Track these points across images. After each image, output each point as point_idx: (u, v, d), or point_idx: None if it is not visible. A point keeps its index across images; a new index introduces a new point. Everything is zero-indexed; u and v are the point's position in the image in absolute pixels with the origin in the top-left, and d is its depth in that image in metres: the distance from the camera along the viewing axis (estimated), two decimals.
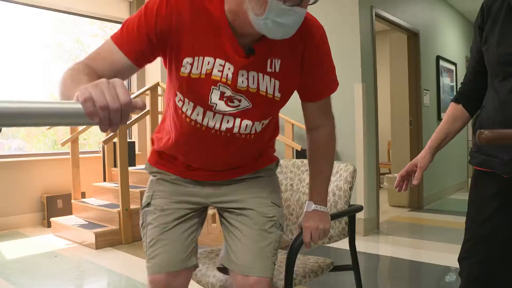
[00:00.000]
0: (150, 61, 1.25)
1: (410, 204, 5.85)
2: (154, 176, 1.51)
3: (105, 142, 4.55)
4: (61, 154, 5.44)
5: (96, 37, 6.27)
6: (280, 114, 2.50)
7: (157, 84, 4.54)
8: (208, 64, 1.24)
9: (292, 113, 3.90)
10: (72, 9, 5.66)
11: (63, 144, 4.93)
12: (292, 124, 4.46)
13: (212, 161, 1.42)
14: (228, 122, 1.32)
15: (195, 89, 1.27)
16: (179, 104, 1.33)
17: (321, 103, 1.43)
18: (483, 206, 1.43)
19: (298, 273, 1.58)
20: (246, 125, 1.33)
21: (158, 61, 1.32)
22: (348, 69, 4.37)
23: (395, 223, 5.02)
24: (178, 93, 1.31)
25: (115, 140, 4.65)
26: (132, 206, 4.33)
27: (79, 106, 0.77)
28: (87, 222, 4.48)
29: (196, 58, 1.23)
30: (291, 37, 1.21)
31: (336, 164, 1.95)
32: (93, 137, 6.37)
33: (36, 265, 3.55)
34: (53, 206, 5.08)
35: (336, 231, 1.88)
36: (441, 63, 6.56)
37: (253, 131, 1.36)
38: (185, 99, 1.30)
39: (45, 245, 4.20)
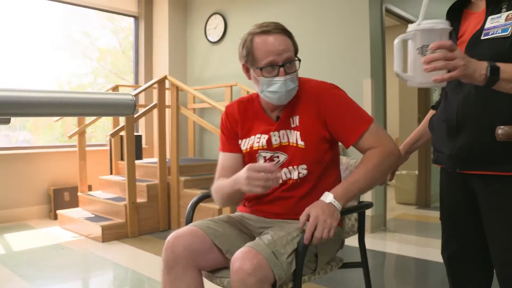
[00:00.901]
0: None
1: (417, 201, 5.82)
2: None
3: (112, 135, 4.54)
4: (68, 147, 5.46)
5: (104, 29, 6.26)
6: None
7: (165, 78, 4.52)
8: (250, 141, 1.74)
9: None
10: (81, 1, 5.65)
11: (70, 136, 4.94)
12: None
13: (268, 208, 1.72)
14: None
15: (248, 159, 1.76)
16: None
17: (361, 143, 1.60)
18: (446, 202, 1.60)
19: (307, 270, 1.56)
20: (284, 172, 1.66)
21: (166, 54, 1.37)
22: (357, 64, 4.34)
23: (402, 220, 4.99)
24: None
25: (122, 133, 4.65)
26: (138, 200, 4.33)
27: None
28: (93, 215, 4.49)
29: (243, 140, 1.77)
30: (306, 99, 1.63)
31: (345, 160, 1.94)
32: (100, 130, 6.38)
33: (43, 257, 3.55)
34: (60, 199, 5.10)
35: (346, 228, 1.86)
36: None
37: (290, 177, 1.66)
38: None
39: (52, 238, 4.21)
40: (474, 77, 1.18)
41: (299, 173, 1.64)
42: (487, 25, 1.36)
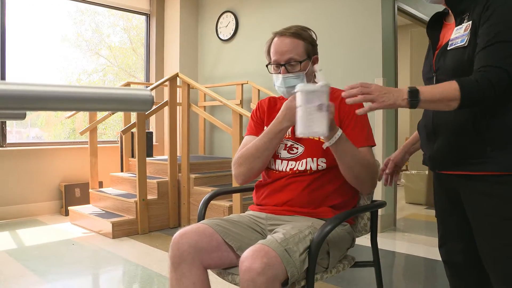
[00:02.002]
0: None
1: (427, 201, 5.78)
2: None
3: (123, 132, 4.57)
4: (80, 143, 5.49)
5: (116, 27, 6.29)
6: None
7: (176, 75, 4.54)
8: None
9: None
10: None
11: (82, 133, 4.97)
12: None
13: (277, 198, 1.77)
14: (290, 164, 1.78)
15: None
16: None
17: None
18: (437, 200, 1.69)
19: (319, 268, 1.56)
20: (302, 162, 1.76)
21: (177, 51, 1.36)
22: (369, 63, 4.32)
23: (412, 220, 4.97)
24: None
25: (133, 130, 4.67)
26: (149, 197, 4.35)
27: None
28: (104, 211, 4.52)
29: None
30: (332, 101, 1.56)
31: None
32: (111, 127, 6.41)
33: (54, 253, 3.58)
34: (71, 195, 5.13)
35: (358, 227, 1.85)
36: None
37: (308, 168, 1.74)
38: None
39: (63, 233, 4.24)
40: (397, 103, 1.28)
41: (318, 165, 1.74)
42: (452, 36, 1.45)
